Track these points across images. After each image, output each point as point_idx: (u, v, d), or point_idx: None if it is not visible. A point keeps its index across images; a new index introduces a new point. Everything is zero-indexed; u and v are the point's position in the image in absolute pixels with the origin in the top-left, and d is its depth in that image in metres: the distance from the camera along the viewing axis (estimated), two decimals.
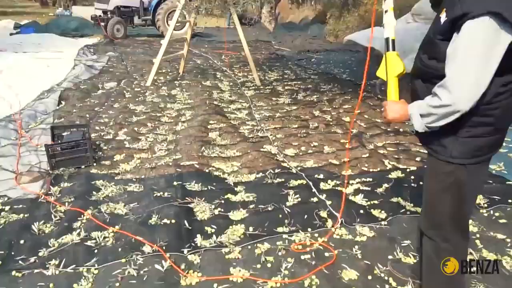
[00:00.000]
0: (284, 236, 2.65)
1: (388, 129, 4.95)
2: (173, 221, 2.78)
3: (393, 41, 1.90)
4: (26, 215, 2.89)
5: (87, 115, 5.27)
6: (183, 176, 3.50)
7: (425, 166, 1.93)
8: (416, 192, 3.27)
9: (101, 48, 11.34)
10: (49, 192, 3.21)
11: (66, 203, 3.02)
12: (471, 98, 1.50)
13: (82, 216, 2.87)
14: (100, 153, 4.02)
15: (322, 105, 5.96)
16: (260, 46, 13.19)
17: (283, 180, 3.48)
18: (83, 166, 3.69)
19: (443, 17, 1.59)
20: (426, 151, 4.37)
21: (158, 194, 3.18)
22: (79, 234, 2.63)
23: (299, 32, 19.34)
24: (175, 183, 3.37)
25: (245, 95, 6.55)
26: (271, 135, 4.68)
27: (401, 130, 4.95)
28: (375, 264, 2.40)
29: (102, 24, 13.43)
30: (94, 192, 3.22)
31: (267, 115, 5.49)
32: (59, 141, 3.82)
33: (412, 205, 3.10)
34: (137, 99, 6.17)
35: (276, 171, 3.65)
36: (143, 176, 3.55)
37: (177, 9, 6.93)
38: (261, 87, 7.22)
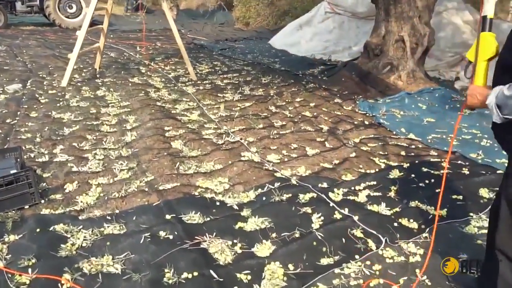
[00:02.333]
0: (336, 271, 2.21)
1: (355, 122, 4.79)
2: (195, 273, 2.13)
3: (491, 20, 1.70)
4: None
5: (0, 131, 4.08)
6: (173, 205, 2.80)
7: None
8: (428, 193, 3.08)
9: None
10: None
11: (29, 270, 2.13)
12: None
13: (60, 286, 2.05)
14: (44, 184, 3.06)
15: (275, 100, 5.58)
16: (171, 35, 12.13)
17: (290, 195, 3.01)
18: (27, 206, 2.74)
19: None
20: (404, 144, 4.25)
21: (154, 235, 2.46)
22: None
23: (203, 19, 18.58)
24: (167, 216, 2.66)
25: (187, 92, 5.83)
26: (241, 139, 4.14)
27: (366, 122, 4.84)
28: None
29: None
30: (61, 245, 2.36)
31: (224, 115, 4.92)
32: None
33: (432, 208, 2.90)
34: (58, 105, 5.04)
35: (276, 185, 3.16)
36: (117, 211, 2.76)
37: None
38: (199, 82, 6.55)
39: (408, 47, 5.87)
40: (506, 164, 3.75)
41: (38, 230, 2.49)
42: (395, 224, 2.67)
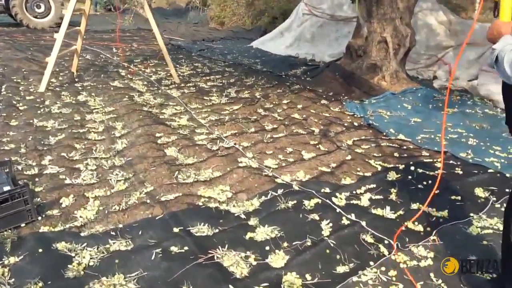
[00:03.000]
0: (354, 279, 2.21)
1: (345, 124, 4.83)
2: None
3: None
4: None
5: None
6: (179, 217, 2.73)
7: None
8: (428, 195, 3.13)
9: None
10: None
11: None
12: None
13: None
14: (39, 199, 2.91)
15: (262, 102, 5.55)
16: (147, 36, 11.94)
17: (295, 202, 2.99)
18: (23, 225, 2.59)
19: None
20: (396, 145, 4.31)
21: (164, 250, 2.38)
22: None
23: (176, 18, 18.31)
24: (175, 229, 2.59)
25: (172, 96, 5.71)
26: (235, 144, 4.09)
27: (355, 124, 4.89)
28: None
29: None
30: (67, 265, 2.25)
31: (213, 119, 4.84)
32: None
33: (434, 210, 2.96)
34: (39, 112, 4.81)
35: (279, 191, 3.14)
36: (120, 225, 2.66)
37: None
38: (182, 84, 6.43)
39: (391, 48, 5.98)
40: (495, 163, 3.86)
41: (40, 250, 2.36)
42: (403, 228, 2.70)
